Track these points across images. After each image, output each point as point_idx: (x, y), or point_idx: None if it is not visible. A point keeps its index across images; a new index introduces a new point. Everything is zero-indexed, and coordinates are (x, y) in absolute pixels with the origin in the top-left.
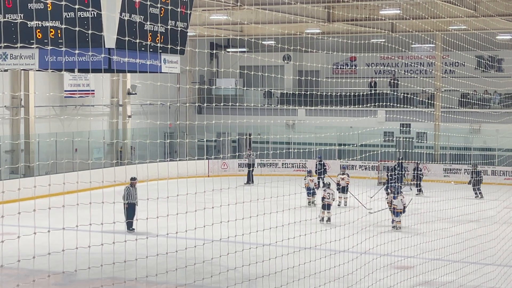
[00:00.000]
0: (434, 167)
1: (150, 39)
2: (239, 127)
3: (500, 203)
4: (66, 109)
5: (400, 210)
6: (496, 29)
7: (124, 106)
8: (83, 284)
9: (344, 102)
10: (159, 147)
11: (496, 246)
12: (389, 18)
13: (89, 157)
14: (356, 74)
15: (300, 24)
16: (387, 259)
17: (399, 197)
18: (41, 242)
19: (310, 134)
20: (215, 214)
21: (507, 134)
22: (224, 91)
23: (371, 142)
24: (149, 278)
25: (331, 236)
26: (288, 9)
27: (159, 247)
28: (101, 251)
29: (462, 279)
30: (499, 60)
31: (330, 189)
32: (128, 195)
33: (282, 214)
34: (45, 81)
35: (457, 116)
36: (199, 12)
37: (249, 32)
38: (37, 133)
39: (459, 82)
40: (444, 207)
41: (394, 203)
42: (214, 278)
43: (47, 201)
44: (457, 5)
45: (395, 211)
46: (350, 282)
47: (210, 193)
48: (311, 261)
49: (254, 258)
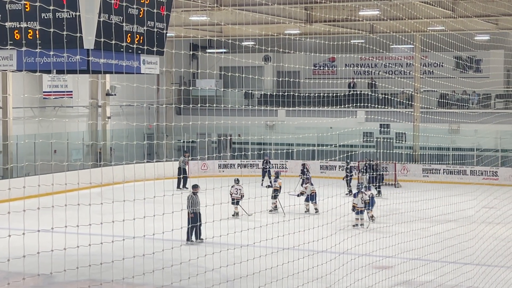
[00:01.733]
0: (413, 167)
1: (128, 40)
2: (219, 128)
3: (478, 203)
4: (45, 110)
5: (360, 208)
6: (474, 30)
7: (103, 107)
8: (60, 286)
9: (324, 103)
10: (139, 149)
11: (474, 246)
12: (368, 19)
13: (67, 159)
14: (335, 75)
15: (279, 25)
16: (366, 259)
17: (359, 196)
18: (16, 245)
19: (290, 135)
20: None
21: (485, 134)
22: (204, 91)
23: (350, 142)
24: (126, 280)
25: (310, 237)
26: (268, 10)
27: (136, 249)
28: (77, 253)
29: (441, 279)
30: (477, 60)
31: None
32: (192, 203)
33: (260, 214)
34: (23, 82)
35: (436, 116)
36: (179, 13)
37: (228, 33)
38: (15, 135)
39: (438, 82)
40: (423, 207)
41: (354, 202)
42: (193, 280)
43: (22, 203)
44: (435, 6)
45: (354, 209)
46: (329, 282)
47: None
48: (290, 261)
49: (233, 259)
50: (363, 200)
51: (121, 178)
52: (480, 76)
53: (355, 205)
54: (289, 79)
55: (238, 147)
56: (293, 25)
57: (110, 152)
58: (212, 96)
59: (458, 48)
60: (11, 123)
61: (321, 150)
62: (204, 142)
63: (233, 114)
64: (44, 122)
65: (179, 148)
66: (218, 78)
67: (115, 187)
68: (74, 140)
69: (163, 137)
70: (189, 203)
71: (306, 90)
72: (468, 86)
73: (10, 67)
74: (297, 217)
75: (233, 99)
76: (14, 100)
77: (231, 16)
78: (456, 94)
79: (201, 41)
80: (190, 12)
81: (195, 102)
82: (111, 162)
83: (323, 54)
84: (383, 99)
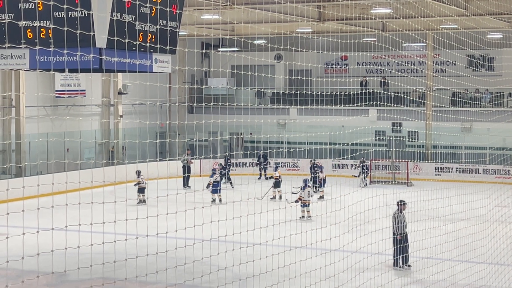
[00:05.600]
0: (426, 166)
1: (141, 39)
2: (230, 126)
3: (491, 202)
4: (57, 109)
5: (307, 201)
6: (487, 28)
7: (116, 106)
8: (73, 284)
9: (336, 101)
10: (151, 147)
11: (487, 244)
12: (380, 17)
13: (80, 157)
14: (347, 73)
15: (291, 23)
16: (378, 257)
17: (306, 189)
18: (30, 243)
19: (301, 134)
20: (206, 214)
21: (498, 133)
22: (216, 90)
23: (362, 141)
24: (139, 278)
25: (322, 235)
26: (280, 8)
27: (149, 247)
28: (90, 251)
29: (453, 278)
30: (490, 59)
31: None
32: (399, 221)
33: (273, 213)
34: (36, 81)
35: (448, 115)
36: (191, 12)
37: (240, 32)
38: (28, 133)
39: (450, 81)
40: (435, 205)
41: (301, 195)
42: (205, 278)
43: (36, 201)
44: (447, 4)
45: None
46: (341, 280)
47: (201, 192)
48: (302, 260)
49: (246, 257)
50: (309, 194)
51: (135, 177)
52: (493, 75)
53: (302, 198)
54: (301, 77)
55: (250, 145)
56: (305, 24)
57: (123, 151)
58: (224, 94)
59: (470, 46)
60: (24, 122)
61: (333, 149)
62: (216, 140)
63: (245, 113)
64: (57, 120)
65: (189, 147)
66: (230, 77)
67: (128, 186)
68: (87, 138)
69: (175, 135)
70: (394, 221)
71: (318, 88)
72: (481, 85)
73: (23, 66)
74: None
75: (245, 98)
76: (27, 98)
77: (243, 15)
78: (469, 92)
79: (213, 39)
80: (202, 10)
81: (207, 100)
82: (124, 161)
83: (335, 52)
84: (395, 97)
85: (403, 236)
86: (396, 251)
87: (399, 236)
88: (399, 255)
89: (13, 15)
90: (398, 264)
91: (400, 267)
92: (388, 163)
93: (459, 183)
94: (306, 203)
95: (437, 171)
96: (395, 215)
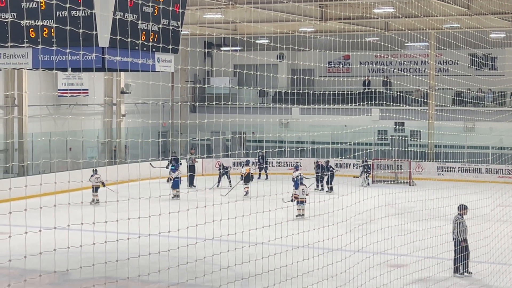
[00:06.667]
0: (428, 165)
1: (143, 38)
2: (233, 126)
3: (493, 201)
4: (60, 108)
5: (302, 199)
6: (490, 27)
7: (118, 105)
8: (76, 283)
9: (338, 101)
10: (153, 146)
11: (489, 244)
12: (383, 16)
13: (82, 157)
14: (350, 73)
15: (294, 22)
16: (380, 257)
17: (300, 187)
18: (32, 242)
19: (304, 133)
20: (208, 213)
21: (500, 132)
22: (218, 89)
23: (365, 140)
24: (141, 277)
25: (324, 235)
26: (282, 7)
27: (151, 246)
28: (93, 250)
29: (456, 277)
30: (493, 58)
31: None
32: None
33: (275, 212)
34: (39, 80)
35: (451, 114)
36: (193, 11)
37: (243, 31)
38: (30, 133)
39: (453, 80)
40: (438, 205)
41: (296, 193)
42: (207, 277)
43: (38, 200)
44: (450, 4)
45: (295, 200)
46: (343, 280)
47: (203, 191)
48: (304, 259)
49: (248, 256)
50: (304, 192)
51: (137, 176)
52: (496, 74)
53: (297, 196)
54: (304, 77)
55: (253, 145)
56: (307, 23)
57: (125, 150)
58: (226, 94)
59: (473, 46)
60: (26, 121)
61: (336, 148)
62: (219, 139)
63: (248, 112)
64: (59, 120)
65: (193, 146)
66: (233, 76)
67: (131, 185)
68: (89, 138)
69: (178, 135)
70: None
71: (320, 88)
72: (484, 84)
73: (25, 65)
74: (311, 214)
75: (247, 97)
76: (29, 98)
77: (245, 14)
78: (471, 92)
79: (216, 39)
80: (204, 10)
81: (210, 100)
82: (126, 160)
83: (337, 51)
84: (398, 97)
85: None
86: (459, 258)
87: (463, 243)
88: (461, 262)
89: (16, 14)
90: (458, 271)
91: (461, 274)
92: (391, 163)
93: (462, 182)
94: (302, 200)
95: (440, 171)
96: (458, 221)
